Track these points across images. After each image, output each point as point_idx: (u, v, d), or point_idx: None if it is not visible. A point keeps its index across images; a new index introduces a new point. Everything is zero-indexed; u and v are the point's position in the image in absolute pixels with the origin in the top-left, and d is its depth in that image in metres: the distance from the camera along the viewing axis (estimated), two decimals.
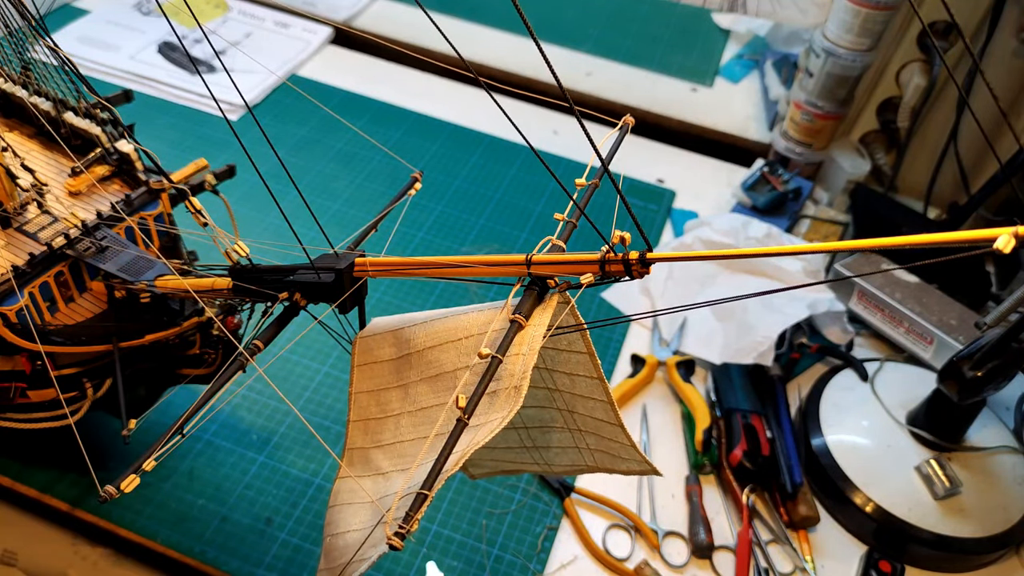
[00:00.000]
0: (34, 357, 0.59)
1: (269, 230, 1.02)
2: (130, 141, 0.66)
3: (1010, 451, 0.82)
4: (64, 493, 0.74)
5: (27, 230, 0.61)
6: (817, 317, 0.96)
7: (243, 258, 0.46)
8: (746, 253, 0.30)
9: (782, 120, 1.21)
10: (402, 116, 1.28)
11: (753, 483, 0.81)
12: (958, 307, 0.92)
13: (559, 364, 0.43)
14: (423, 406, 0.41)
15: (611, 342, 0.96)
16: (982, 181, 1.05)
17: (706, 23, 1.58)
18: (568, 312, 0.38)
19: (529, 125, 1.27)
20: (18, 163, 0.62)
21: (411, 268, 0.40)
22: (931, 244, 0.25)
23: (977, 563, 0.79)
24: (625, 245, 0.33)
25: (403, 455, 0.41)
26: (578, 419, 0.46)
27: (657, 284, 1.02)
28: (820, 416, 0.85)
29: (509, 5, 0.27)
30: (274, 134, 1.21)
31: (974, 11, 1.01)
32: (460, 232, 1.08)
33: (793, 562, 0.77)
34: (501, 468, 0.55)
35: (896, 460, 0.80)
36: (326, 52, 1.40)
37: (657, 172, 1.23)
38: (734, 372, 0.89)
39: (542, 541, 0.76)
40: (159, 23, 1.39)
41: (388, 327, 0.44)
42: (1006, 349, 0.70)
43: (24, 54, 0.70)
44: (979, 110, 1.07)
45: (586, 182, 0.41)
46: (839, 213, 1.15)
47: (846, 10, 1.03)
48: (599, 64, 1.44)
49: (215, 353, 0.66)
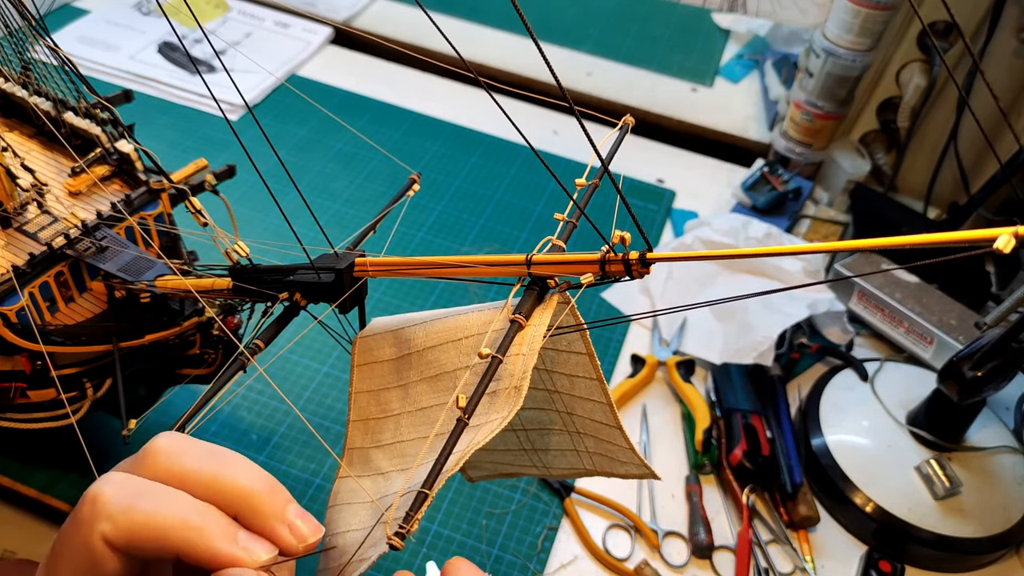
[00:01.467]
0: (34, 357, 0.59)
1: (269, 230, 1.02)
2: (130, 141, 0.66)
3: (1010, 451, 0.82)
4: (64, 493, 0.74)
5: (27, 230, 0.61)
6: (817, 317, 0.96)
7: (243, 258, 0.46)
8: (746, 253, 0.30)
9: (782, 120, 1.21)
10: (402, 116, 1.28)
11: (753, 483, 0.81)
12: (958, 307, 0.92)
13: (558, 365, 0.43)
14: (423, 406, 0.41)
15: (611, 342, 0.96)
16: (982, 181, 1.05)
17: (706, 23, 1.58)
18: (568, 312, 0.38)
19: (529, 125, 1.27)
20: (18, 163, 0.62)
21: (411, 268, 0.40)
22: (931, 244, 0.25)
23: (977, 563, 0.79)
24: (625, 245, 0.33)
25: (403, 455, 0.41)
26: (577, 421, 0.46)
27: (657, 284, 1.02)
28: (820, 416, 0.85)
29: (509, 5, 0.27)
30: (274, 134, 1.21)
31: (974, 11, 1.01)
32: (460, 232, 1.08)
33: (793, 562, 0.77)
34: (499, 471, 0.55)
35: (896, 460, 0.80)
36: (326, 52, 1.40)
37: (657, 172, 1.23)
38: (734, 372, 0.89)
39: (542, 541, 0.76)
40: (159, 23, 1.39)
41: (388, 327, 0.44)
42: (1006, 349, 0.70)
43: (24, 54, 0.70)
44: (979, 110, 1.07)
45: (586, 182, 0.41)
46: (839, 213, 1.15)
47: (846, 10, 1.03)
48: (599, 64, 1.44)
49: (215, 353, 0.66)
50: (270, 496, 0.32)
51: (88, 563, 0.31)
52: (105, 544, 0.31)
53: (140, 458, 0.33)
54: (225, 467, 0.32)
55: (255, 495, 0.32)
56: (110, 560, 0.31)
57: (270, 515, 0.32)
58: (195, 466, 0.32)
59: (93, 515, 0.31)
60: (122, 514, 0.31)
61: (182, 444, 0.33)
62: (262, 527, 0.32)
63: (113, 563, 0.31)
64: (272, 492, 0.32)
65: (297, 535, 0.32)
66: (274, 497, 0.32)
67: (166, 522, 0.30)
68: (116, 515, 0.31)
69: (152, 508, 0.31)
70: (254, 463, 0.33)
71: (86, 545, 0.31)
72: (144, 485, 0.32)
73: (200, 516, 0.31)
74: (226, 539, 0.31)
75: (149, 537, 0.30)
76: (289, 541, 0.32)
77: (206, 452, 0.33)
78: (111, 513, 0.31)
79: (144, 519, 0.30)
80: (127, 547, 0.31)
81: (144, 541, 0.30)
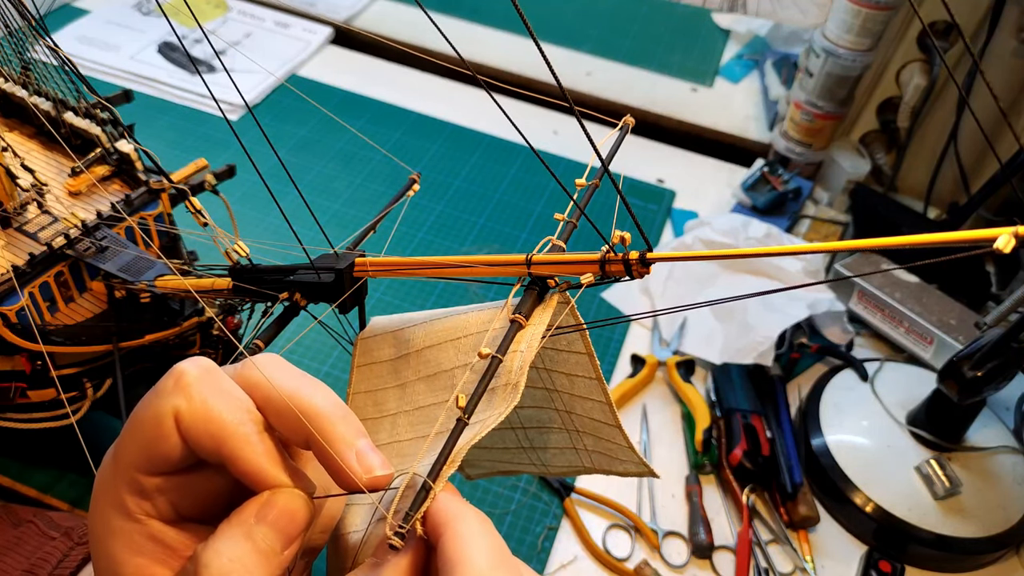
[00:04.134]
0: (34, 357, 0.59)
1: (269, 230, 1.02)
2: (130, 141, 0.66)
3: (1010, 451, 0.82)
4: (64, 493, 0.74)
5: (27, 230, 0.61)
6: (817, 317, 0.95)
7: (243, 258, 0.46)
8: (746, 253, 0.30)
9: (782, 120, 1.21)
10: (402, 116, 1.28)
11: (753, 483, 0.81)
12: (958, 307, 0.92)
13: (558, 364, 0.43)
14: (420, 405, 0.41)
15: (611, 342, 0.96)
16: (982, 181, 1.05)
17: (706, 23, 1.58)
18: (568, 312, 0.38)
19: (529, 125, 1.27)
20: (18, 163, 0.62)
21: (411, 268, 0.40)
22: (931, 244, 0.25)
23: (977, 563, 0.79)
24: (625, 245, 0.33)
25: (401, 455, 0.41)
26: (576, 420, 0.46)
27: (657, 284, 1.02)
28: (820, 416, 0.85)
29: (509, 5, 0.27)
30: (274, 134, 1.21)
31: (974, 11, 1.01)
32: (460, 232, 1.08)
33: (793, 562, 0.77)
34: (498, 469, 0.55)
35: (896, 460, 0.80)
36: (326, 52, 1.40)
37: (657, 172, 1.23)
38: (734, 372, 0.89)
39: (542, 541, 0.76)
40: (159, 23, 1.39)
41: (388, 327, 0.44)
42: (1006, 349, 0.70)
43: (24, 54, 0.70)
44: (979, 110, 1.07)
45: (586, 182, 0.41)
46: (839, 213, 1.15)
47: (846, 10, 1.03)
48: (599, 64, 1.44)
49: (215, 353, 0.66)
50: (344, 421, 0.32)
51: (152, 433, 0.31)
52: (174, 421, 0.31)
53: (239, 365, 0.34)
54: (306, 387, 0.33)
55: (327, 417, 0.32)
56: (172, 438, 0.31)
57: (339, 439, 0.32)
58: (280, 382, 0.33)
59: (174, 389, 0.31)
60: (199, 400, 0.31)
61: (278, 362, 0.34)
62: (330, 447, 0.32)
63: (174, 442, 0.31)
64: (345, 419, 0.32)
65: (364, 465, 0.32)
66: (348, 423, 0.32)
67: (230, 428, 0.31)
68: (194, 398, 0.31)
69: (224, 408, 0.31)
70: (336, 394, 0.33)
71: (157, 415, 0.31)
72: (226, 384, 0.32)
73: (259, 436, 0.31)
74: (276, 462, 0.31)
75: (212, 433, 0.31)
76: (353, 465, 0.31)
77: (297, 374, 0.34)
78: (190, 394, 0.31)
79: (215, 415, 0.31)
80: (189, 433, 0.31)
81: (206, 436, 0.31)
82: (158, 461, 0.32)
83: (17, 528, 0.60)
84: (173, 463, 0.32)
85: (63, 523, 0.61)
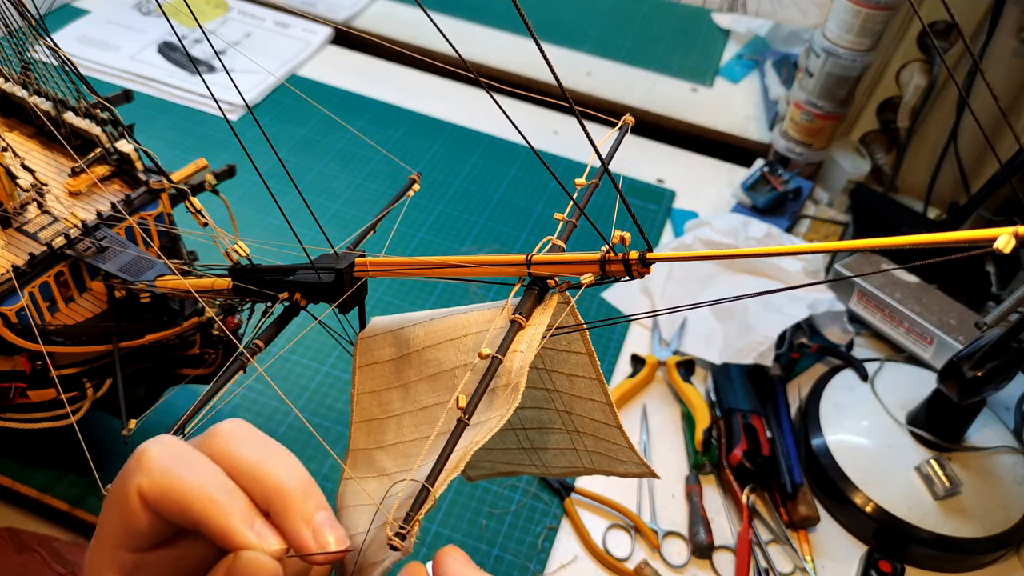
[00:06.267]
0: (34, 357, 0.59)
1: (269, 230, 1.02)
2: (130, 141, 0.66)
3: (1010, 451, 0.82)
4: (64, 493, 0.74)
5: (27, 230, 0.61)
6: (817, 317, 0.96)
7: (243, 258, 0.46)
8: (746, 253, 0.30)
9: (782, 120, 1.21)
10: (402, 116, 1.28)
11: (753, 483, 0.81)
12: (958, 307, 0.92)
13: (558, 365, 0.43)
14: (423, 405, 0.41)
15: (611, 342, 0.96)
16: (982, 181, 1.05)
17: (706, 23, 1.58)
18: (568, 312, 0.38)
19: (529, 125, 1.27)
20: (18, 163, 0.62)
21: (411, 268, 0.40)
22: (931, 244, 0.25)
23: (977, 563, 0.79)
24: (625, 245, 0.33)
25: (406, 455, 0.41)
26: (576, 420, 0.46)
27: (657, 284, 1.02)
28: (820, 416, 0.85)
29: (509, 5, 0.27)
30: (274, 134, 1.21)
31: (974, 11, 1.01)
32: (460, 232, 1.08)
33: (793, 562, 0.77)
34: (498, 469, 0.55)
35: (896, 460, 0.80)
36: (326, 52, 1.40)
37: (657, 172, 1.23)
38: (734, 372, 0.89)
39: (542, 541, 0.76)
40: (159, 23, 1.39)
41: (388, 327, 0.44)
42: (1006, 349, 0.70)
43: (24, 54, 0.70)
44: (979, 110, 1.07)
45: (586, 182, 0.41)
46: (839, 213, 1.15)
47: (846, 10, 1.03)
48: (599, 64, 1.44)
49: (215, 353, 0.66)
50: (302, 495, 0.33)
51: (123, 513, 0.32)
52: (139, 497, 0.32)
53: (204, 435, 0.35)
54: (269, 459, 0.34)
55: (288, 492, 0.33)
56: (141, 514, 0.32)
57: (297, 514, 0.33)
58: (244, 453, 0.33)
59: (136, 467, 0.32)
60: (159, 473, 0.32)
61: (243, 431, 0.35)
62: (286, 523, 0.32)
63: (143, 518, 0.32)
64: (305, 493, 0.33)
65: (319, 541, 0.32)
66: (306, 498, 0.33)
67: (193, 492, 0.32)
68: (154, 472, 0.32)
69: (186, 475, 0.32)
70: (301, 465, 0.34)
71: (124, 495, 0.32)
72: (189, 454, 0.33)
73: (226, 495, 0.32)
74: (242, 521, 0.32)
75: (175, 501, 0.32)
76: (307, 541, 0.32)
77: (261, 443, 0.34)
78: (150, 469, 0.32)
79: (175, 483, 0.32)
80: (155, 505, 0.32)
81: (170, 504, 0.32)
82: (134, 537, 0.33)
83: (21, 555, 0.60)
84: (148, 537, 0.33)
85: (68, 556, 0.61)
